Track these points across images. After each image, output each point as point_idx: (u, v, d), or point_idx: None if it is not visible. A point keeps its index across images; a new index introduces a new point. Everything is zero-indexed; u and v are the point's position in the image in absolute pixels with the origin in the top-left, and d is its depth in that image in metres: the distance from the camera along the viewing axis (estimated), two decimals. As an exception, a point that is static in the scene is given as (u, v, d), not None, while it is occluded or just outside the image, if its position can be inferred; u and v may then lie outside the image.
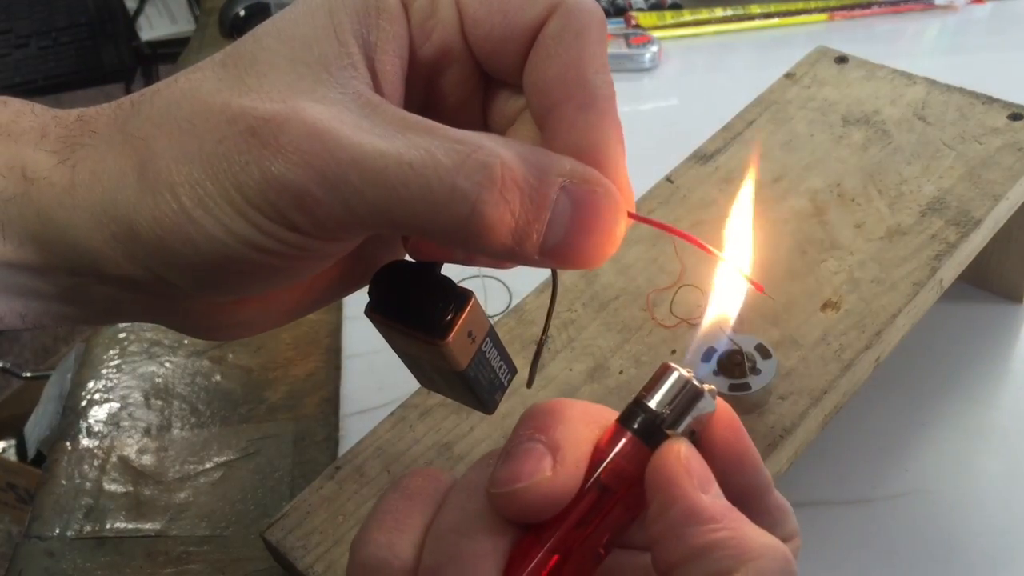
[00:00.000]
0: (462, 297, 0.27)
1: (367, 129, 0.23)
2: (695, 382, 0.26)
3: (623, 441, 0.26)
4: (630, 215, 0.26)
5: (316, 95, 0.24)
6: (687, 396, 0.26)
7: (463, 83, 0.29)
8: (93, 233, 0.25)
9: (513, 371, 0.30)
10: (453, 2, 0.27)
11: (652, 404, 0.26)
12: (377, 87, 0.26)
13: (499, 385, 0.29)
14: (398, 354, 0.30)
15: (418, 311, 0.27)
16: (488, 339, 0.28)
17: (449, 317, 0.27)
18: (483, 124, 0.30)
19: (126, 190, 0.25)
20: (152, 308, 0.29)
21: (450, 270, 0.28)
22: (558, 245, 0.24)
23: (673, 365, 0.27)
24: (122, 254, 0.25)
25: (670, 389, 0.26)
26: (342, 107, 0.24)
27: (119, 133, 0.26)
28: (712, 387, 0.27)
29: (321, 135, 0.23)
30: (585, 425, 0.26)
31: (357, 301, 0.63)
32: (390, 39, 0.26)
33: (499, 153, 0.23)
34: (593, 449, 0.26)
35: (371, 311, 0.28)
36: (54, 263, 0.27)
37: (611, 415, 0.27)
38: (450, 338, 0.27)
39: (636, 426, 0.26)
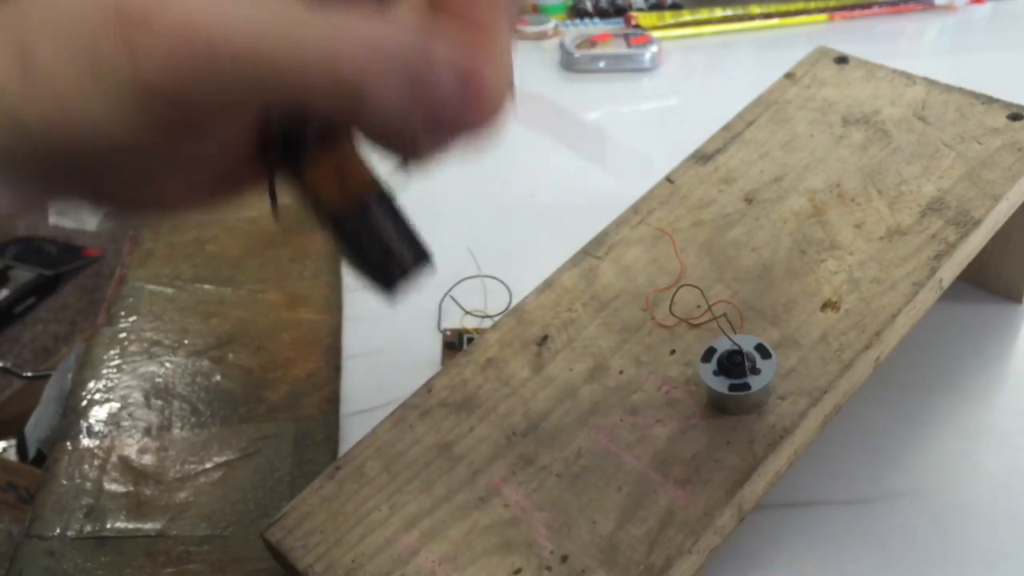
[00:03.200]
0: (335, 133, 0.27)
1: (246, 6, 0.23)
2: None
3: None
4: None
5: None
6: None
7: None
8: None
9: (423, 256, 0.28)
10: None
11: None
12: None
13: (397, 261, 0.28)
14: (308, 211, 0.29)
15: (297, 139, 0.27)
16: (378, 199, 0.28)
17: (314, 141, 0.26)
18: None
19: (9, 76, 0.24)
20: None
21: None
22: (442, 126, 0.24)
23: None
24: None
25: None
26: None
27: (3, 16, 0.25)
28: None
29: (192, 25, 0.22)
30: None
31: (357, 301, 0.63)
32: None
33: (382, 24, 0.23)
34: None
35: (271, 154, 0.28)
36: None
37: None
38: (306, 162, 0.26)
39: None
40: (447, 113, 0.24)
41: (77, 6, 0.24)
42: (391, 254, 0.28)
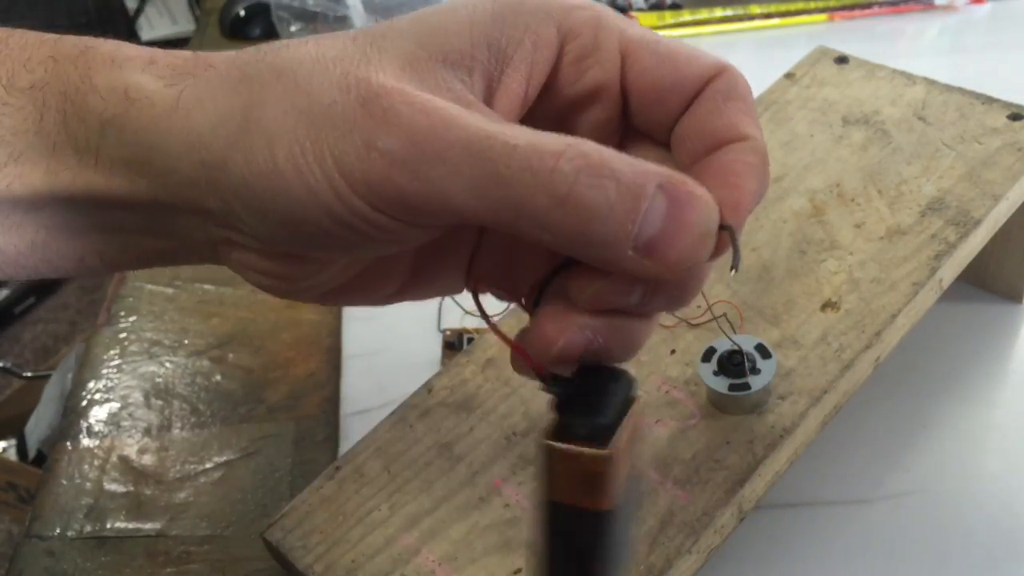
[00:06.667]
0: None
1: (473, 116, 0.24)
2: None
3: None
4: (722, 227, 0.25)
5: (422, 84, 0.25)
6: None
7: (601, 127, 0.29)
8: (183, 157, 0.26)
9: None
10: (617, 46, 0.28)
11: None
12: (488, 99, 0.26)
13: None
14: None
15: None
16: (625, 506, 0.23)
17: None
18: None
19: (228, 124, 0.25)
20: (219, 248, 0.29)
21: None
22: (651, 240, 0.24)
23: None
24: (207, 182, 0.25)
25: None
26: (443, 98, 0.25)
27: (238, 71, 0.26)
28: None
29: (429, 113, 0.24)
30: None
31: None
32: (525, 61, 0.27)
33: (599, 147, 0.24)
34: None
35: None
36: (139, 191, 0.27)
37: None
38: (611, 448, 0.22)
39: None
40: (653, 239, 0.24)
41: (319, 85, 0.24)
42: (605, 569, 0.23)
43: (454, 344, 0.55)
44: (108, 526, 0.50)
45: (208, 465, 0.53)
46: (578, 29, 0.27)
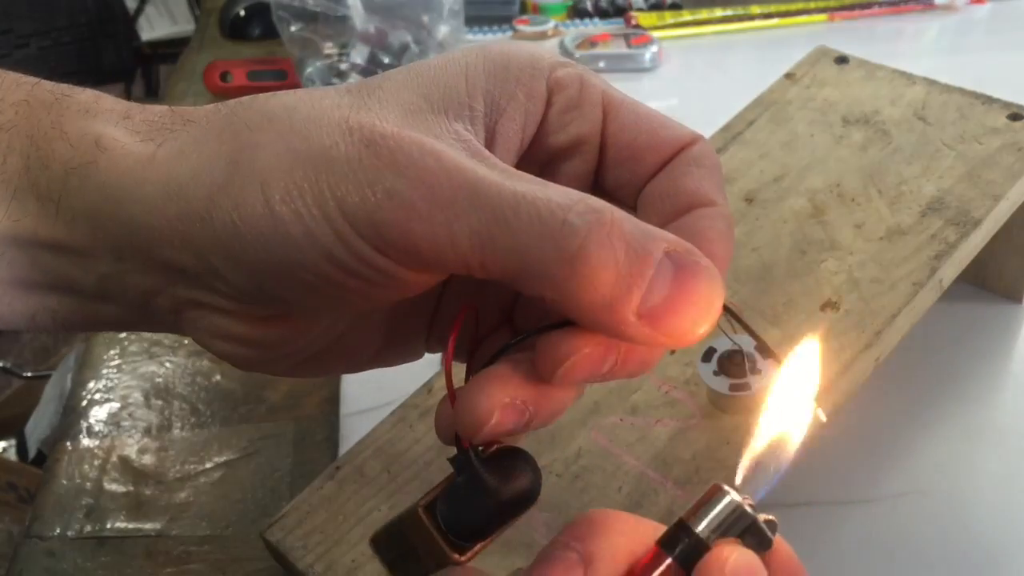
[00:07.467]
0: None
1: (480, 165, 0.24)
2: (749, 509, 0.24)
3: (662, 567, 0.24)
4: (725, 306, 0.25)
5: (428, 132, 0.24)
6: (738, 525, 0.24)
7: (578, 179, 0.30)
8: (156, 210, 0.25)
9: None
10: (600, 102, 0.28)
11: (698, 529, 0.24)
12: (489, 148, 0.26)
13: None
14: None
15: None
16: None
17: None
18: None
19: (212, 171, 0.24)
20: (184, 313, 0.27)
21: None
22: (655, 309, 0.23)
23: (726, 487, 0.24)
24: (181, 237, 0.25)
25: (719, 514, 0.24)
26: (452, 148, 0.24)
27: (222, 120, 0.25)
28: (771, 518, 0.24)
29: (439, 156, 0.23)
30: (626, 540, 0.25)
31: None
32: (519, 111, 0.27)
33: (608, 204, 0.23)
34: (630, 569, 0.24)
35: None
36: (101, 246, 0.26)
37: (656, 532, 0.25)
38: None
39: (677, 552, 0.24)
40: (657, 308, 0.23)
41: (317, 128, 0.24)
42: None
43: (454, 344, 0.55)
44: (108, 526, 0.50)
45: (208, 465, 0.53)
46: (565, 83, 0.28)
